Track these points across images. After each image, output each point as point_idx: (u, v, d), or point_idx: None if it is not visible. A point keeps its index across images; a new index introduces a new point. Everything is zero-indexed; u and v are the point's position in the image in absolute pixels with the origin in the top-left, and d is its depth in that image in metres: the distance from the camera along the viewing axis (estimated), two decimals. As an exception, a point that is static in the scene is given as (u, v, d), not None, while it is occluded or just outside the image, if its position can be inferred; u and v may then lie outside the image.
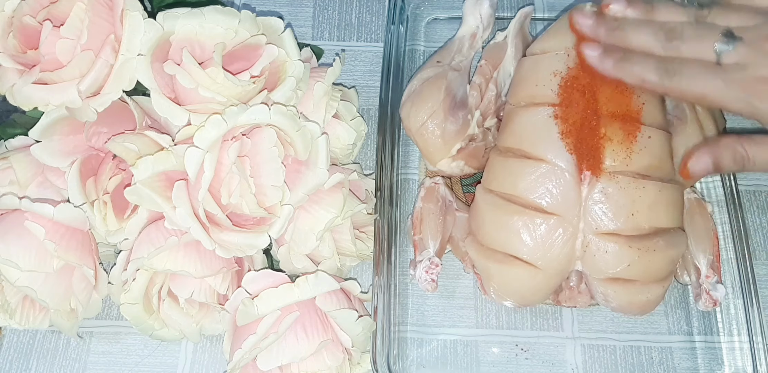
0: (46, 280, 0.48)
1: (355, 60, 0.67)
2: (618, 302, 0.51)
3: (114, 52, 0.46)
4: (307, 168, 0.50)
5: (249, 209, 0.47)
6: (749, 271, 0.53)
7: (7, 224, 0.48)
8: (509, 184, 0.51)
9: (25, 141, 0.50)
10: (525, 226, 0.50)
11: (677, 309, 0.56)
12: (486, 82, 0.60)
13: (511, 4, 0.69)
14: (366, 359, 0.51)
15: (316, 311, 0.49)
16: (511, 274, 0.50)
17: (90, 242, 0.50)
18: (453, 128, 0.56)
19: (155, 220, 0.49)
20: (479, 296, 0.57)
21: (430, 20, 0.68)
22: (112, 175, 0.49)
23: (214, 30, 0.46)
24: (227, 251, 0.47)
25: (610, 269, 0.49)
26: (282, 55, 0.49)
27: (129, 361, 0.54)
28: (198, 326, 0.51)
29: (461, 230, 0.56)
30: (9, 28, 0.46)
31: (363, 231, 0.56)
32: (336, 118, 0.55)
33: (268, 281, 0.49)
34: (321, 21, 0.69)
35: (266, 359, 0.47)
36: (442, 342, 0.55)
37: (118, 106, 0.48)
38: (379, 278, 0.53)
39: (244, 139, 0.47)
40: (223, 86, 0.46)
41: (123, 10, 0.46)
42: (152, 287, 0.49)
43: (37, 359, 0.54)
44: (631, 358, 0.55)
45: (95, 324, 0.56)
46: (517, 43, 0.61)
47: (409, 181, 0.61)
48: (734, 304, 0.54)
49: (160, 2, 0.55)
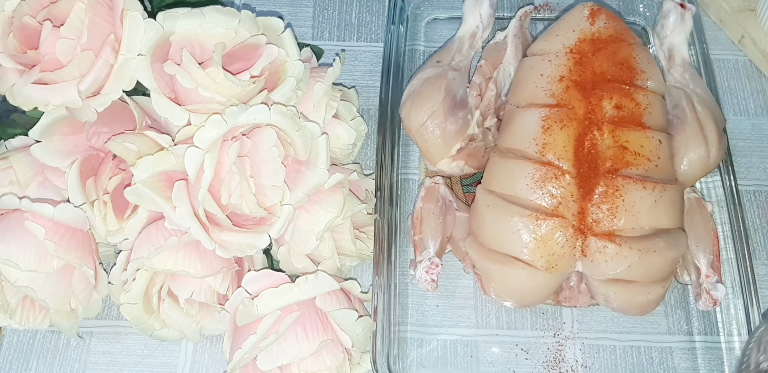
0: (46, 280, 0.48)
1: (355, 60, 0.67)
2: (618, 302, 0.51)
3: (114, 52, 0.46)
4: (307, 168, 0.50)
5: (249, 209, 0.47)
6: (749, 271, 0.53)
7: (7, 224, 0.48)
8: (509, 184, 0.51)
9: (25, 141, 0.50)
10: (525, 227, 0.50)
11: (677, 309, 0.56)
12: (486, 82, 0.60)
13: (511, 4, 0.69)
14: (366, 359, 0.51)
15: (316, 311, 0.49)
16: (511, 275, 0.50)
17: (90, 242, 0.50)
18: (453, 128, 0.56)
19: (155, 220, 0.49)
20: (479, 296, 0.57)
21: (430, 20, 0.68)
22: (112, 175, 0.49)
23: (214, 30, 0.46)
24: (227, 251, 0.47)
25: (610, 270, 0.49)
26: (282, 55, 0.49)
27: (129, 361, 0.54)
28: (198, 326, 0.51)
29: (461, 230, 0.56)
30: (9, 28, 0.46)
31: (363, 231, 0.56)
32: (336, 118, 0.55)
33: (268, 281, 0.49)
34: (321, 21, 0.69)
35: (266, 359, 0.47)
36: (442, 342, 0.55)
37: (118, 106, 0.48)
38: (379, 278, 0.53)
39: (244, 139, 0.47)
40: (223, 86, 0.46)
41: (123, 10, 0.46)
42: (152, 287, 0.49)
43: (37, 359, 0.54)
44: (631, 358, 0.55)
45: (95, 324, 0.56)
46: (517, 43, 0.61)
47: (409, 181, 0.61)
48: (734, 304, 0.54)
49: (160, 2, 0.55)
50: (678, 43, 0.60)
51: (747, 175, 0.62)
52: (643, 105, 0.53)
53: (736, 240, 0.55)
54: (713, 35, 0.67)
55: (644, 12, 0.67)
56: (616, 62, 0.54)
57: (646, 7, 0.66)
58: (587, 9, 0.56)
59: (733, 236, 0.55)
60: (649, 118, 0.53)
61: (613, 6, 0.66)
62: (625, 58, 0.55)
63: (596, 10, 0.56)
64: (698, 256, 0.54)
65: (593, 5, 0.57)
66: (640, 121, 0.52)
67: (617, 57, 0.54)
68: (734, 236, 0.55)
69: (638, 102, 0.53)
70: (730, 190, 0.57)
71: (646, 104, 0.53)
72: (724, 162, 0.57)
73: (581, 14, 0.56)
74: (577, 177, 0.51)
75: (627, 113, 0.52)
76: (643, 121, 0.53)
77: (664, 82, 0.56)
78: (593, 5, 0.57)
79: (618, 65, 0.54)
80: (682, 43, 0.60)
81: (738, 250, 0.54)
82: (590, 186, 0.50)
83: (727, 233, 0.56)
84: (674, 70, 0.60)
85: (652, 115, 0.53)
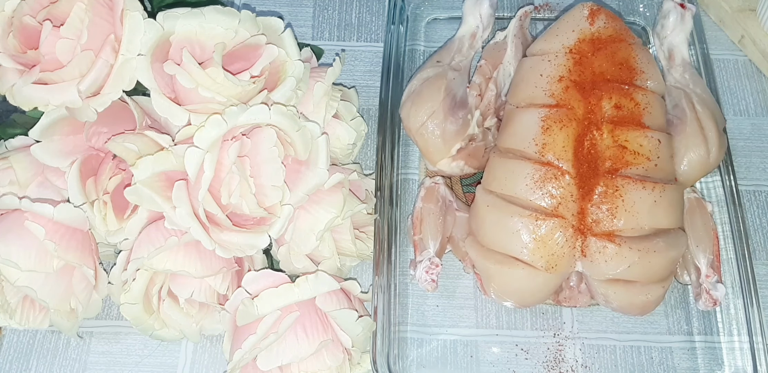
0: (46, 280, 0.48)
1: (355, 60, 0.67)
2: (618, 302, 0.51)
3: (114, 52, 0.46)
4: (307, 168, 0.50)
5: (249, 209, 0.47)
6: (749, 271, 0.53)
7: (7, 224, 0.48)
8: (509, 185, 0.51)
9: (25, 141, 0.50)
10: (525, 227, 0.50)
11: (677, 309, 0.56)
12: (486, 82, 0.60)
13: (511, 4, 0.69)
14: (366, 359, 0.51)
15: (316, 311, 0.49)
16: (511, 275, 0.50)
17: (90, 242, 0.50)
18: (453, 128, 0.56)
19: (155, 220, 0.49)
20: (479, 296, 0.57)
21: (430, 20, 0.68)
22: (112, 175, 0.49)
23: (214, 30, 0.46)
24: (227, 251, 0.47)
25: (610, 271, 0.49)
26: (282, 55, 0.49)
27: (129, 361, 0.54)
28: (198, 326, 0.51)
29: (461, 230, 0.56)
30: (9, 28, 0.46)
31: (363, 231, 0.56)
32: (336, 118, 0.55)
33: (268, 281, 0.49)
34: (321, 21, 0.69)
35: (266, 359, 0.47)
36: (442, 342, 0.55)
37: (118, 106, 0.48)
38: (379, 278, 0.53)
39: (244, 139, 0.47)
40: (223, 86, 0.46)
41: (123, 10, 0.46)
42: (152, 287, 0.49)
43: (37, 359, 0.54)
44: (631, 358, 0.55)
45: (95, 324, 0.56)
46: (517, 43, 0.61)
47: (409, 181, 0.61)
48: (734, 304, 0.54)
49: (160, 2, 0.55)
50: (678, 43, 0.60)
51: (747, 175, 0.62)
52: (643, 105, 0.53)
53: (736, 240, 0.55)
54: (713, 35, 0.67)
55: (644, 12, 0.67)
56: (616, 62, 0.54)
57: (646, 7, 0.66)
58: (587, 9, 0.56)
59: (733, 236, 0.55)
60: (649, 118, 0.53)
61: (613, 6, 0.66)
62: (624, 58, 0.55)
63: (596, 10, 0.56)
64: (698, 256, 0.54)
65: (593, 5, 0.56)
66: (640, 121, 0.52)
67: (617, 57, 0.54)
68: (734, 236, 0.55)
69: (638, 102, 0.53)
70: (730, 190, 0.57)
71: (645, 104, 0.53)
72: (724, 162, 0.57)
73: (581, 14, 0.56)
74: (576, 177, 0.50)
75: (626, 113, 0.52)
76: (643, 121, 0.52)
77: (663, 82, 0.56)
78: (593, 5, 0.56)
79: (617, 65, 0.54)
80: (682, 43, 0.60)
81: (738, 250, 0.54)
82: (590, 186, 0.50)
83: (727, 233, 0.56)
84: (674, 70, 0.60)
85: (652, 115, 0.53)
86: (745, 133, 0.64)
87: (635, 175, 0.51)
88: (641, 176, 0.51)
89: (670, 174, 0.53)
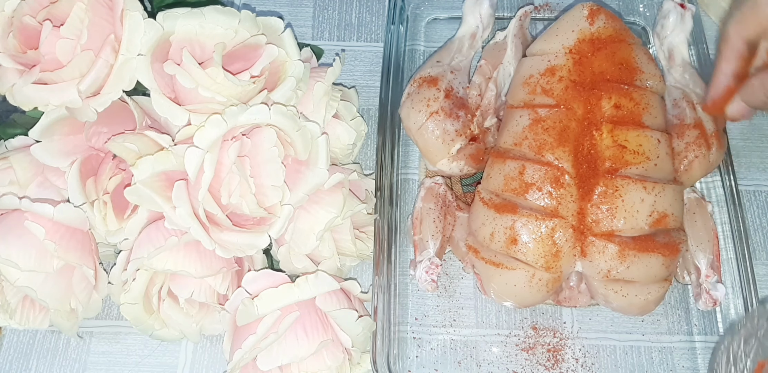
0: (46, 280, 0.48)
1: (355, 60, 0.67)
2: (618, 302, 0.51)
3: (114, 52, 0.46)
4: (307, 168, 0.50)
5: (249, 209, 0.47)
6: (749, 271, 0.53)
7: (7, 224, 0.48)
8: (509, 185, 0.51)
9: (25, 141, 0.50)
10: (525, 227, 0.50)
11: (677, 309, 0.56)
12: (486, 82, 0.60)
13: (511, 4, 0.69)
14: (366, 359, 0.51)
15: (316, 311, 0.49)
16: (510, 275, 0.50)
17: (90, 242, 0.50)
18: (453, 128, 0.56)
19: (155, 220, 0.49)
20: (479, 296, 0.57)
21: (430, 20, 0.68)
22: (112, 175, 0.49)
23: (214, 30, 0.46)
24: (227, 251, 0.47)
25: (610, 271, 0.49)
26: (282, 55, 0.49)
27: (129, 361, 0.54)
28: (198, 326, 0.51)
29: (461, 230, 0.56)
30: (9, 28, 0.46)
31: (363, 231, 0.56)
32: (336, 118, 0.55)
33: (268, 281, 0.49)
34: (321, 21, 0.69)
35: (266, 359, 0.47)
36: (442, 342, 0.55)
37: (118, 106, 0.48)
38: (379, 278, 0.53)
39: (244, 139, 0.47)
40: (223, 86, 0.46)
41: (123, 10, 0.46)
42: (152, 287, 0.49)
43: (37, 359, 0.54)
44: (631, 358, 0.55)
45: (95, 324, 0.56)
46: (517, 43, 0.61)
47: (409, 181, 0.61)
48: (734, 304, 0.54)
49: (160, 2, 0.55)
50: (678, 43, 0.60)
51: (747, 176, 0.62)
52: (642, 104, 0.53)
53: (736, 240, 0.55)
54: (713, 35, 0.67)
55: (644, 12, 0.67)
56: (616, 62, 0.54)
57: (646, 7, 0.66)
58: (586, 9, 0.56)
59: (733, 236, 0.55)
60: (648, 118, 0.53)
61: (613, 6, 0.66)
62: (624, 58, 0.55)
63: (595, 10, 0.56)
64: (698, 256, 0.54)
65: (592, 5, 0.56)
66: (640, 121, 0.52)
67: (616, 57, 0.54)
68: (734, 236, 0.55)
69: (637, 102, 0.53)
70: (730, 190, 0.57)
71: (645, 104, 0.53)
72: (724, 162, 0.57)
73: (580, 14, 0.56)
74: (576, 177, 0.51)
75: (626, 113, 0.52)
76: (643, 121, 0.52)
77: (663, 82, 0.56)
78: (592, 5, 0.56)
79: (617, 65, 0.54)
80: (682, 43, 0.61)
81: (738, 250, 0.54)
82: (590, 186, 0.50)
83: (727, 233, 0.56)
84: (674, 70, 0.60)
85: (652, 114, 0.53)
86: (745, 133, 0.64)
87: (635, 175, 0.51)
88: (641, 176, 0.51)
89: (669, 174, 0.53)
